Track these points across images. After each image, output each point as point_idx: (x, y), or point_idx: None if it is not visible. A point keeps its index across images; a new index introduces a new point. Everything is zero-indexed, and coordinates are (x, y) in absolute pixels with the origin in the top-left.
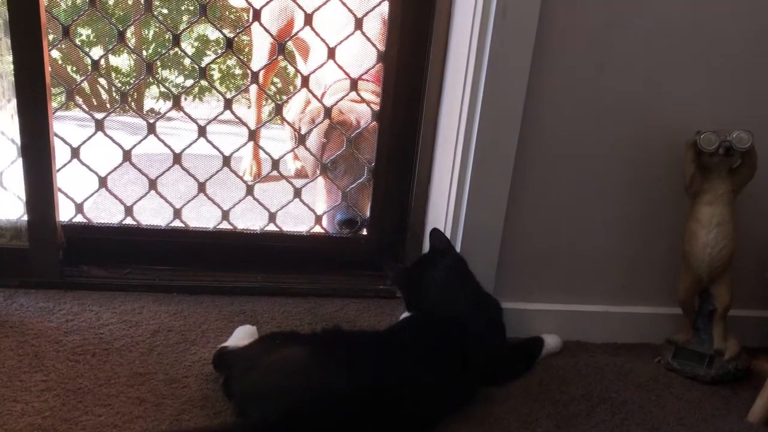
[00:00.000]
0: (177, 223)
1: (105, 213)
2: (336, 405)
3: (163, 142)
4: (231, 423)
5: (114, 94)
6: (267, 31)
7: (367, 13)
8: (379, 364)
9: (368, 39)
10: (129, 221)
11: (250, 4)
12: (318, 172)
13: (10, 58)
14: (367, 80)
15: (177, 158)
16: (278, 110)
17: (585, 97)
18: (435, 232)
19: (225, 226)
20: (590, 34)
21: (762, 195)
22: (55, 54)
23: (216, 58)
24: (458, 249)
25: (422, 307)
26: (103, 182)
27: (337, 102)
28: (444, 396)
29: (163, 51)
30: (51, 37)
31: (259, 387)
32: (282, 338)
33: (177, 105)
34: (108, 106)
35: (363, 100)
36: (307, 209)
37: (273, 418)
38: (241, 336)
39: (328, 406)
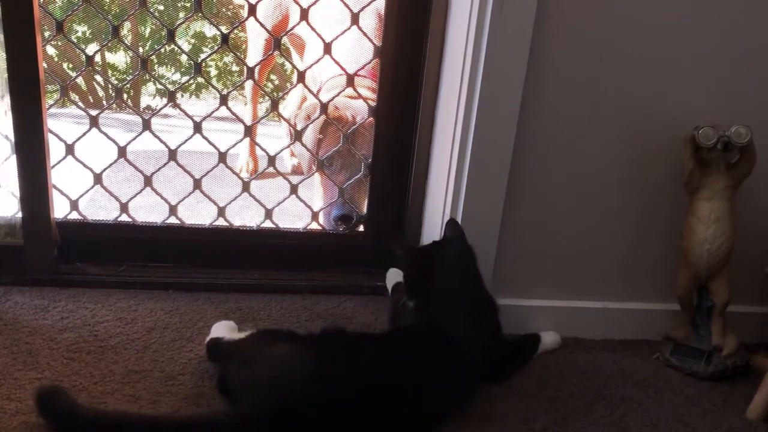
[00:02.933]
0: (173, 220)
1: (100, 210)
2: (329, 403)
3: (158, 138)
4: (224, 412)
5: (110, 92)
6: (263, 26)
7: (363, 8)
8: (375, 364)
9: (364, 34)
10: (124, 218)
11: None
12: (314, 168)
13: (4, 54)
14: (363, 76)
15: (173, 155)
16: (274, 106)
17: (583, 92)
18: (452, 222)
19: (221, 223)
20: (588, 27)
21: (760, 190)
22: (51, 51)
23: (211, 54)
24: None
25: (422, 296)
26: (98, 179)
27: (333, 98)
28: (440, 397)
29: (159, 47)
30: (46, 33)
31: (254, 382)
32: (279, 335)
33: (173, 101)
34: (105, 104)
35: (359, 96)
36: (303, 206)
37: (265, 412)
38: (222, 331)
39: (322, 403)
